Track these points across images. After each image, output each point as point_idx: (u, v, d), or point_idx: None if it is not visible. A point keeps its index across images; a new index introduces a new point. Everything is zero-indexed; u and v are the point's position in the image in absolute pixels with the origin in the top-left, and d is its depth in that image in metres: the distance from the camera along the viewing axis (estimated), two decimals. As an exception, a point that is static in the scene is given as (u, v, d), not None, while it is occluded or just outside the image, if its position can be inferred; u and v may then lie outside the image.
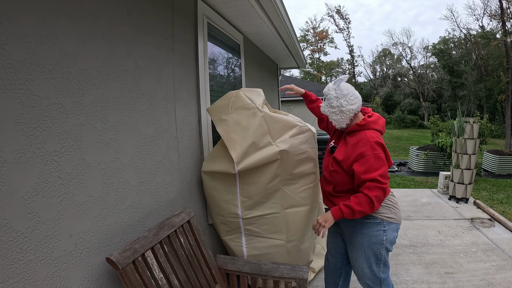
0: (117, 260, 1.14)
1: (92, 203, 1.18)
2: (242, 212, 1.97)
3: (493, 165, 7.50)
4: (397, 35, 64.05)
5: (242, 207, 1.96)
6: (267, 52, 4.71)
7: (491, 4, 21.32)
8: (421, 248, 3.06)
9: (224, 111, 1.99)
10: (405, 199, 4.74)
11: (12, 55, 0.89)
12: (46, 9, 0.99)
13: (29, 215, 0.94)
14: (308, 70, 38.34)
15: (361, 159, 1.52)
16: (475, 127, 4.38)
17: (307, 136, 2.06)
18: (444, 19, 49.11)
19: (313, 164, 2.09)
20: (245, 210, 1.97)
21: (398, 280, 2.50)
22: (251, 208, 1.97)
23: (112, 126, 1.29)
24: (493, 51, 20.38)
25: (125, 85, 1.38)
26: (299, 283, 1.54)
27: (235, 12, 2.66)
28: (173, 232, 1.51)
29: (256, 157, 1.84)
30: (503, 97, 17.28)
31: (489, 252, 2.95)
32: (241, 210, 1.97)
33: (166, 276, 1.36)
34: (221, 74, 2.79)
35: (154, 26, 1.63)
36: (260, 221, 1.99)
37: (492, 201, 4.91)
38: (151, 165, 1.57)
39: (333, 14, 35.13)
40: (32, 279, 0.94)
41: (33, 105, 0.95)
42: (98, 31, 1.22)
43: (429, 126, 11.04)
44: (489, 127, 6.75)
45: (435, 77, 30.45)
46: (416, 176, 7.25)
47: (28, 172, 0.94)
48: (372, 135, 1.54)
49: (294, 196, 2.02)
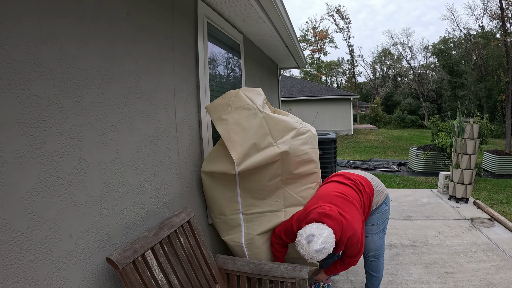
0: (117, 260, 1.14)
1: (92, 203, 1.18)
2: (242, 207, 1.98)
3: (493, 165, 7.50)
4: (397, 35, 64.11)
5: (242, 202, 1.97)
6: (267, 52, 4.71)
7: (491, 4, 21.33)
8: (421, 248, 3.06)
9: (223, 110, 1.98)
10: (405, 199, 4.74)
11: (12, 55, 0.89)
12: (46, 9, 0.99)
13: (29, 215, 0.94)
14: (308, 70, 38.36)
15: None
16: (475, 127, 4.38)
17: (308, 137, 2.06)
18: (444, 19, 49.08)
19: (314, 164, 2.09)
20: (245, 205, 1.98)
21: (398, 280, 2.50)
22: (252, 205, 1.98)
23: (112, 126, 1.29)
24: (493, 51, 20.40)
25: (125, 85, 1.38)
26: (299, 283, 1.54)
27: (235, 12, 2.66)
28: (173, 232, 1.51)
29: (257, 158, 1.84)
30: (503, 97, 17.28)
31: (489, 252, 2.95)
32: (242, 205, 1.98)
33: (166, 276, 1.36)
34: (221, 74, 2.79)
35: (154, 26, 1.63)
36: (261, 219, 1.99)
37: (492, 201, 4.91)
38: (151, 165, 1.57)
39: (333, 14, 35.15)
40: (32, 279, 0.94)
41: (33, 105, 0.95)
42: (98, 31, 1.22)
43: (429, 126, 11.05)
44: (489, 127, 6.75)
45: (435, 77, 30.47)
46: (416, 176, 7.25)
47: (28, 172, 0.94)
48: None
49: (295, 195, 2.02)
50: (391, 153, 11.60)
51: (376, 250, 2.06)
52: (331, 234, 1.63)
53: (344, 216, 1.73)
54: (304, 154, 2.01)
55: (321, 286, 2.35)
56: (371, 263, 2.11)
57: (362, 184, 1.99)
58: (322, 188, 2.03)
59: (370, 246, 2.06)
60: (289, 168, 1.97)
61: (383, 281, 2.46)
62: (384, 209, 2.04)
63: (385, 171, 7.98)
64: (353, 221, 1.74)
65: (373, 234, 2.04)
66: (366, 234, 2.04)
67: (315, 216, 1.72)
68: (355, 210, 1.80)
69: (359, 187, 1.96)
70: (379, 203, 2.02)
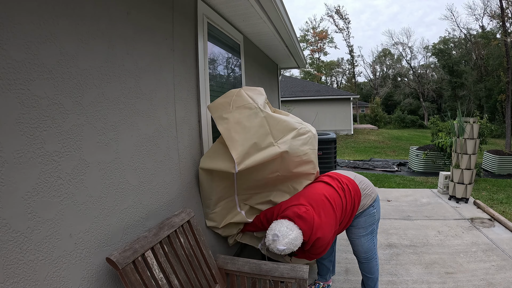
0: (117, 260, 1.14)
1: (92, 203, 1.18)
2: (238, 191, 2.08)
3: (493, 165, 7.50)
4: (397, 35, 64.14)
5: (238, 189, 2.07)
6: (267, 52, 4.71)
7: (491, 4, 21.34)
8: (421, 248, 3.06)
9: (225, 109, 1.98)
10: (405, 199, 4.74)
11: (12, 55, 0.89)
12: (46, 9, 0.99)
13: (29, 215, 0.94)
14: (308, 70, 38.37)
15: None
16: (475, 127, 4.38)
17: (308, 137, 2.07)
18: (444, 19, 49.08)
19: (312, 165, 2.10)
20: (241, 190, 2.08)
21: (398, 280, 2.50)
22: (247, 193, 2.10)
23: (112, 126, 1.29)
24: (493, 51, 20.40)
25: (125, 85, 1.38)
26: (299, 283, 1.54)
27: (235, 12, 2.66)
28: (173, 232, 1.51)
29: (257, 157, 1.85)
30: (503, 97, 17.28)
31: (489, 252, 2.95)
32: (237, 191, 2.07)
33: (166, 276, 1.36)
34: (221, 74, 2.79)
35: (154, 26, 1.63)
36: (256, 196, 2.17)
37: (492, 201, 4.91)
38: (151, 165, 1.57)
39: (333, 14, 35.15)
40: (32, 279, 0.94)
41: (33, 105, 0.95)
42: (98, 31, 1.22)
43: (429, 126, 11.05)
44: (489, 127, 6.76)
45: (435, 77, 30.49)
46: (416, 176, 7.25)
47: (28, 172, 0.94)
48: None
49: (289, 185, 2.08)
50: (391, 153, 11.61)
51: (365, 253, 2.07)
52: (299, 236, 1.71)
53: (317, 218, 1.77)
54: (304, 154, 2.01)
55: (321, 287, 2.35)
56: (362, 265, 2.13)
57: (348, 187, 1.98)
58: (309, 186, 2.06)
59: (358, 248, 2.07)
60: (287, 166, 1.98)
61: (383, 281, 2.46)
62: (371, 212, 2.02)
63: (385, 171, 7.98)
64: (325, 225, 1.77)
65: (360, 236, 2.04)
66: (353, 236, 2.07)
67: (289, 214, 1.81)
68: (331, 215, 1.82)
69: (345, 191, 1.96)
70: (366, 206, 2.00)
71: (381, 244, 3.15)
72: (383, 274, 2.58)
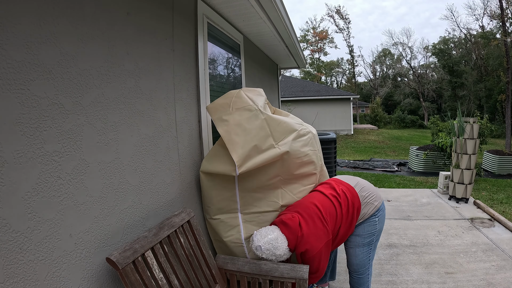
0: (117, 260, 1.14)
1: (92, 203, 1.18)
2: (241, 207, 1.99)
3: (493, 165, 7.50)
4: (397, 35, 64.19)
5: (241, 202, 1.98)
6: (267, 52, 4.71)
7: (491, 4, 21.35)
8: (421, 248, 3.06)
9: (224, 111, 1.97)
10: (405, 199, 4.74)
11: (12, 55, 0.89)
12: (46, 9, 0.99)
13: (29, 215, 0.94)
14: (308, 70, 38.38)
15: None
16: (475, 127, 4.38)
17: (308, 138, 2.06)
18: (445, 19, 49.10)
19: (313, 166, 2.09)
20: (244, 205, 1.98)
21: (398, 280, 2.50)
22: (250, 204, 1.99)
23: (112, 126, 1.29)
24: (493, 51, 20.41)
25: (125, 85, 1.38)
26: (299, 283, 1.54)
27: (235, 12, 2.66)
28: (173, 232, 1.51)
29: (258, 160, 1.84)
30: (503, 97, 17.28)
31: (489, 252, 2.95)
32: (240, 205, 1.99)
33: (166, 276, 1.36)
34: (221, 74, 2.79)
35: (154, 26, 1.63)
36: (259, 218, 2.00)
37: (492, 201, 4.91)
38: (151, 165, 1.57)
39: (333, 14, 35.15)
40: (32, 279, 0.94)
41: (33, 105, 0.95)
42: (98, 31, 1.22)
43: (429, 126, 11.05)
44: (489, 127, 6.76)
45: (435, 77, 30.49)
46: (416, 176, 7.25)
47: (28, 172, 0.94)
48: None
49: (293, 195, 2.02)
50: (391, 153, 11.60)
51: (357, 265, 1.92)
52: (280, 238, 1.69)
53: (305, 227, 1.71)
54: (305, 156, 2.01)
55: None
56: (352, 279, 1.99)
57: (346, 195, 1.86)
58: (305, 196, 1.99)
59: (351, 259, 1.94)
60: (289, 168, 1.97)
61: (383, 281, 2.46)
62: (372, 221, 1.86)
63: (385, 171, 7.98)
64: (311, 237, 1.69)
65: (356, 246, 1.90)
66: (349, 245, 1.94)
67: (276, 220, 1.83)
68: (320, 227, 1.72)
69: (340, 199, 1.84)
70: (368, 215, 1.85)
71: (381, 244, 3.15)
72: (383, 274, 2.58)
